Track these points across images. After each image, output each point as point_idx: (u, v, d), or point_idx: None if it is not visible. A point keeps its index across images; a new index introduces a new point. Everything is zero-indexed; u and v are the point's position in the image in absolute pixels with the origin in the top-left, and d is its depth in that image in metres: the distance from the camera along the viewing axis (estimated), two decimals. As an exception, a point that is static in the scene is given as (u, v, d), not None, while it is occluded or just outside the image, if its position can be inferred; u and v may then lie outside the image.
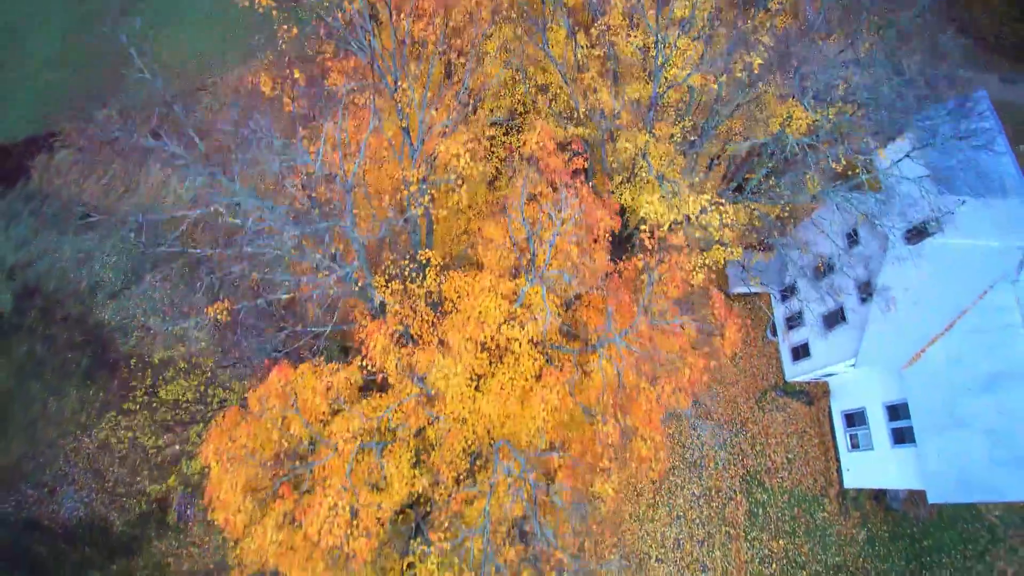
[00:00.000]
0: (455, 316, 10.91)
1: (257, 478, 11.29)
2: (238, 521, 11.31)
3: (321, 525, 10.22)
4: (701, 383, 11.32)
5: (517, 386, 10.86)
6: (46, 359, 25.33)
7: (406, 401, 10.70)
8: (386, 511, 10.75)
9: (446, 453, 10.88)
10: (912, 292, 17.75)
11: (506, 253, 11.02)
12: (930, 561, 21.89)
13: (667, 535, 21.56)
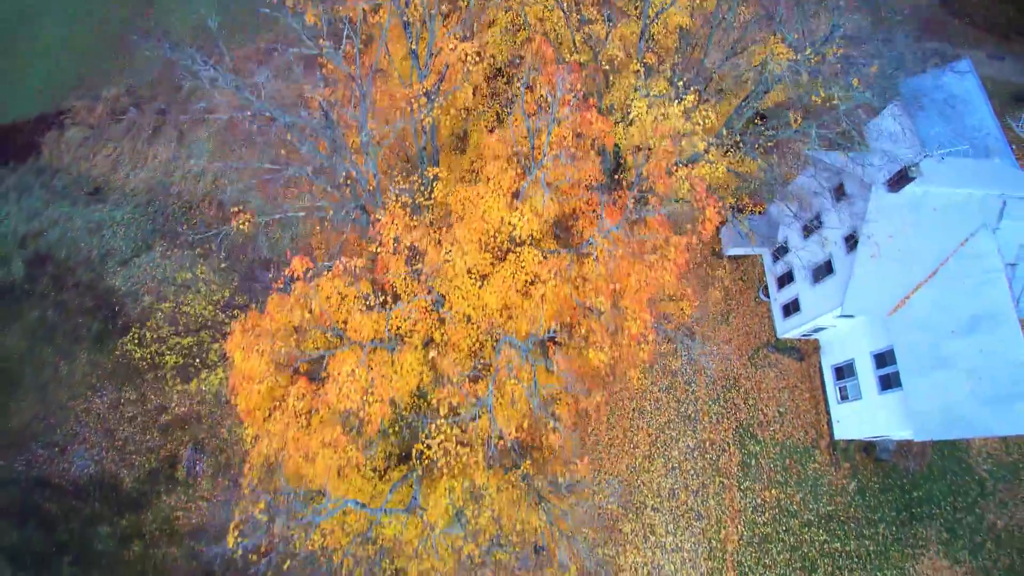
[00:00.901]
0: (461, 215, 11.55)
1: (279, 358, 11.65)
2: (257, 402, 11.81)
3: (339, 390, 10.76)
4: (684, 261, 11.79)
5: (519, 280, 11.51)
6: (57, 324, 26.00)
7: (415, 300, 11.33)
8: (399, 388, 11.34)
9: (452, 353, 11.51)
10: (896, 240, 18.42)
11: (506, 164, 11.65)
12: (920, 512, 22.45)
13: (663, 485, 22.16)
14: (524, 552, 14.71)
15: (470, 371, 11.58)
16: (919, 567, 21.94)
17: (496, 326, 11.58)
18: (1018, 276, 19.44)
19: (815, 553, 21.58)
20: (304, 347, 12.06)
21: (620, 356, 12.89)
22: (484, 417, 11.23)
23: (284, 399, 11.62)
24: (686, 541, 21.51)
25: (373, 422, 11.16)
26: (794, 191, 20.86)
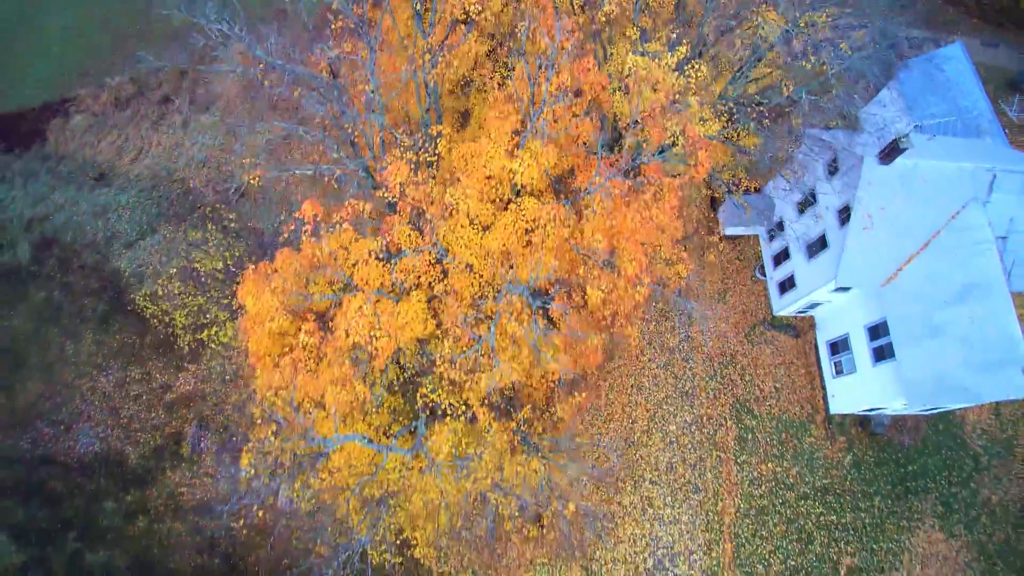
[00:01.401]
0: (465, 169, 11.90)
1: (289, 299, 11.93)
2: (267, 347, 12.09)
3: (348, 324, 11.06)
4: (676, 202, 12.10)
5: (519, 228, 11.85)
6: (63, 305, 26.33)
7: (420, 251, 11.67)
8: (403, 336, 11.64)
9: (454, 302, 11.82)
10: (888, 212, 18.78)
11: (508, 114, 11.98)
12: (915, 486, 22.74)
13: (660, 459, 22.45)
14: (523, 500, 14.96)
15: (472, 316, 11.89)
16: (915, 540, 22.21)
17: (498, 275, 11.92)
18: (1009, 249, 19.80)
19: (811, 525, 21.86)
20: (312, 291, 12.34)
21: (618, 309, 13.18)
22: (486, 355, 11.54)
23: (293, 348, 11.94)
24: (684, 513, 21.80)
25: (380, 356, 11.47)
26: (789, 167, 21.23)
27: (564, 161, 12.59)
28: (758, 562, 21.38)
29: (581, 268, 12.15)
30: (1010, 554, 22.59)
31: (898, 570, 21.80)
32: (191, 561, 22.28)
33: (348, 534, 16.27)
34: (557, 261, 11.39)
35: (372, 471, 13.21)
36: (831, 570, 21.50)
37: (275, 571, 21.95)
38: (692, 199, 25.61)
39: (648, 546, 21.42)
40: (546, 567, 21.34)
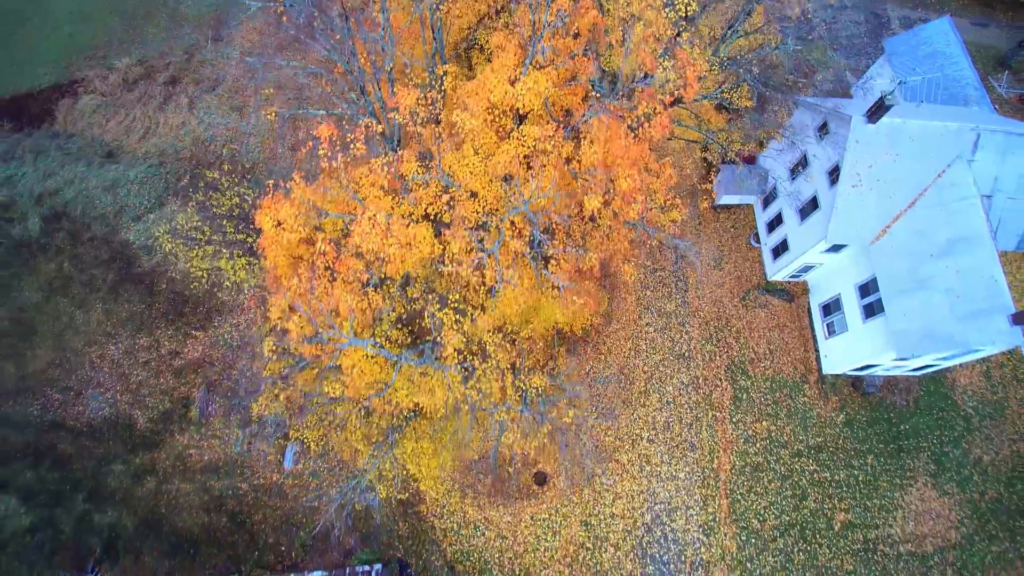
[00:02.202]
0: (472, 85, 12.50)
1: (306, 212, 12.44)
2: (284, 269, 12.59)
3: (363, 234, 11.58)
4: (668, 121, 12.59)
5: (521, 152, 12.39)
6: (73, 276, 26.91)
7: (428, 178, 12.23)
8: (411, 259, 12.14)
9: (460, 230, 12.37)
10: (876, 170, 19.37)
11: (510, 47, 12.54)
12: (908, 444, 23.23)
13: (658, 419, 22.96)
14: (524, 410, 15.28)
15: (477, 232, 12.44)
16: (908, 497, 22.69)
17: (501, 204, 12.48)
18: (995, 207, 20.39)
19: (805, 482, 22.35)
20: (328, 208, 12.84)
21: (613, 249, 13.73)
22: (490, 266, 12.06)
23: (310, 259, 12.43)
24: (680, 470, 22.29)
25: (393, 261, 11.98)
26: (783, 132, 21.85)
27: (563, 100, 13.18)
28: (753, 517, 21.86)
29: (579, 186, 12.68)
30: (1003, 512, 23.05)
31: (891, 526, 22.27)
32: (198, 520, 22.74)
33: (355, 473, 16.74)
34: (557, 173, 11.93)
35: (381, 387, 13.69)
36: (825, 525, 21.97)
37: (281, 529, 22.43)
38: (689, 174, 26.23)
39: (646, 501, 21.91)
40: (546, 522, 21.82)
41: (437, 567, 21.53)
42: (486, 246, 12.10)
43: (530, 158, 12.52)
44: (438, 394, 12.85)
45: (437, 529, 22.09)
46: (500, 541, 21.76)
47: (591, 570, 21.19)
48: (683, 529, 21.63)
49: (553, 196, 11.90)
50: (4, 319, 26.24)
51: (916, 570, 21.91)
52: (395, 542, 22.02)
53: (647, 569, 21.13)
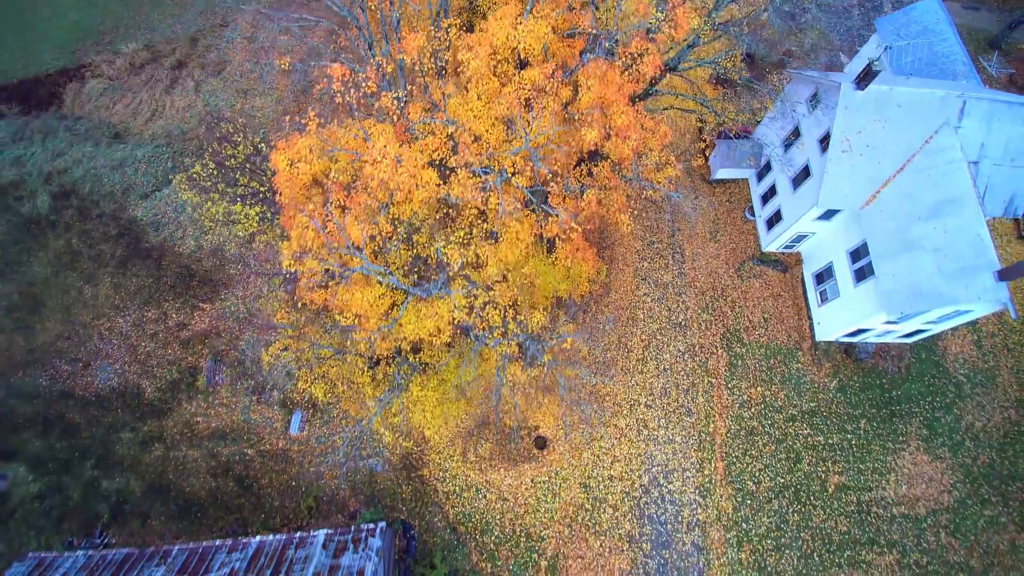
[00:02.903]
0: (476, 36, 13.07)
1: (320, 142, 12.87)
2: (299, 199, 13.08)
3: (374, 162, 12.07)
4: (659, 61, 13.06)
5: (522, 95, 12.94)
6: (82, 251, 27.43)
7: (433, 120, 12.76)
8: (419, 198, 12.64)
9: (464, 170, 12.89)
10: (865, 135, 19.95)
11: None
12: (900, 410, 23.74)
13: (655, 385, 23.47)
14: (525, 341, 15.62)
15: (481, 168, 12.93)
16: (900, 461, 23.18)
17: (502, 142, 13.03)
18: (981, 174, 20.98)
19: (799, 445, 22.84)
20: (340, 144, 13.32)
21: (610, 200, 14.26)
22: (493, 196, 12.56)
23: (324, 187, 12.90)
24: (677, 434, 22.78)
25: (403, 189, 12.47)
26: (775, 99, 22.44)
27: (561, 51, 13.73)
28: (748, 479, 22.34)
29: (576, 125, 13.23)
30: (995, 477, 23.54)
31: (884, 488, 22.76)
32: (206, 485, 23.20)
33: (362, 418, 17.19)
34: (557, 109, 12.46)
35: (389, 322, 14.15)
36: (819, 487, 22.46)
37: (287, 493, 22.88)
38: (686, 149, 26.81)
39: (643, 464, 22.39)
40: (546, 484, 22.28)
41: (440, 528, 21.99)
42: (489, 180, 12.61)
43: (531, 100, 13.07)
44: (444, 318, 13.22)
45: (439, 492, 22.56)
46: (501, 503, 22.22)
47: (590, 530, 21.65)
48: (680, 491, 22.11)
49: (552, 134, 12.44)
50: (13, 293, 26.75)
51: (909, 531, 22.39)
52: (399, 504, 22.48)
53: (645, 529, 21.59)
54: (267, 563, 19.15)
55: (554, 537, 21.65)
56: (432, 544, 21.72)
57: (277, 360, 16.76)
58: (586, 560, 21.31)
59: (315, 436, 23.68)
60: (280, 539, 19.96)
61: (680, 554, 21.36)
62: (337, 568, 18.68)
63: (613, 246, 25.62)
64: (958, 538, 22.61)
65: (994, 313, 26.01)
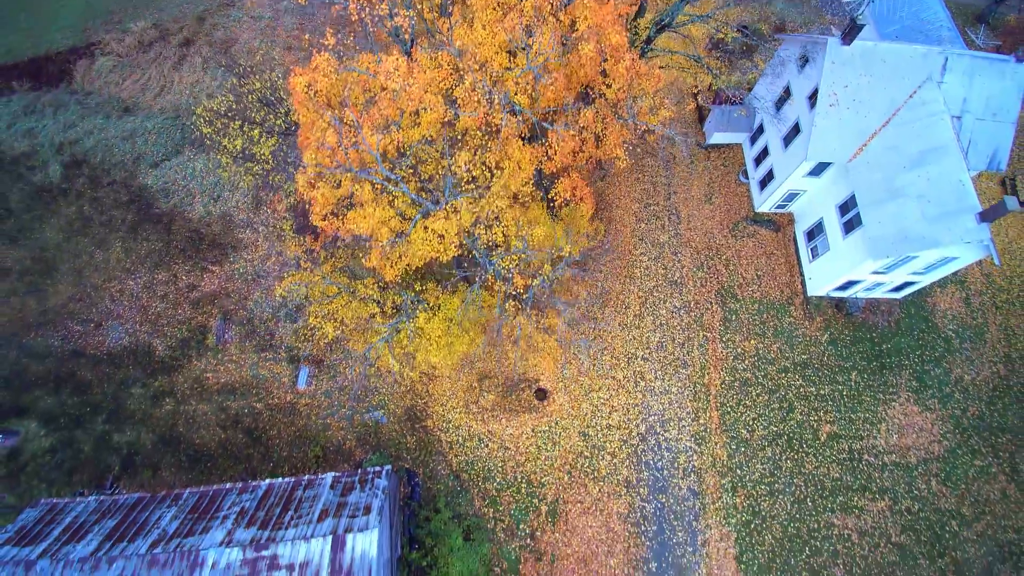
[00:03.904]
0: None
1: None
2: (314, 122, 13.76)
3: (387, 72, 12.72)
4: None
5: (524, 22, 13.65)
6: (93, 217, 28.16)
7: (440, 47, 13.48)
8: (426, 120, 13.33)
9: (470, 78, 13.55)
10: (851, 90, 20.75)
11: None
12: (890, 362, 24.42)
13: (651, 339, 24.15)
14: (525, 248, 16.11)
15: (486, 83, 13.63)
16: (891, 411, 23.84)
17: (504, 66, 13.75)
18: (964, 128, 21.77)
19: (792, 395, 23.50)
20: (354, 64, 14.00)
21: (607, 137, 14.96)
22: (496, 110, 13.24)
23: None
24: (673, 385, 23.44)
25: (415, 99, 13.16)
26: (768, 68, 23.26)
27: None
28: (742, 427, 22.99)
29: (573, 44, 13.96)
30: (985, 429, 24.18)
31: (875, 437, 23.41)
32: (215, 436, 23.82)
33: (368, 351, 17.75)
34: (556, 33, 13.19)
35: (399, 233, 14.72)
36: (811, 435, 23.10)
37: (295, 444, 23.49)
38: (683, 115, 27.61)
39: (640, 414, 23.04)
40: (547, 434, 22.92)
41: (443, 475, 22.60)
42: (495, 98, 13.32)
43: (531, 27, 13.78)
44: (451, 233, 13.72)
45: (443, 442, 23.19)
46: (503, 451, 22.85)
47: (589, 476, 22.28)
48: (676, 439, 22.75)
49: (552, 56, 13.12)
50: (26, 258, 27.45)
51: (900, 479, 23.02)
52: (403, 454, 23.11)
53: (642, 475, 22.22)
54: (277, 502, 19.76)
55: (554, 483, 22.27)
56: (436, 490, 22.33)
57: (289, 294, 17.37)
58: (585, 504, 21.92)
59: (322, 391, 24.32)
60: (289, 481, 20.58)
61: (676, 499, 21.98)
62: (345, 505, 19.29)
63: (611, 208, 26.38)
64: (949, 486, 23.24)
65: (979, 263, 26.81)
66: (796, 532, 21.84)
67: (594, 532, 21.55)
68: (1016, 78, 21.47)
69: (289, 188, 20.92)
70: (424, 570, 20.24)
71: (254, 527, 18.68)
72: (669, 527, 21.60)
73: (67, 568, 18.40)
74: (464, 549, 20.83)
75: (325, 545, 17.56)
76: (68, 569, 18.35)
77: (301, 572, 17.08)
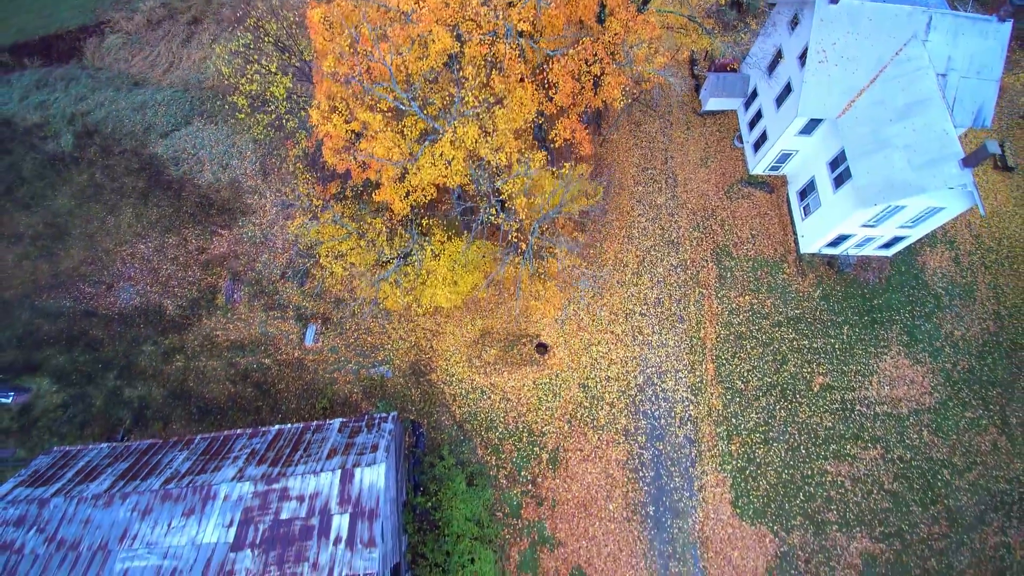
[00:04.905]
0: None
1: None
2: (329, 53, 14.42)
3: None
4: None
5: None
6: (104, 184, 28.87)
7: None
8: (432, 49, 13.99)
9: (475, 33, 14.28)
10: (839, 47, 21.52)
11: None
12: (881, 317, 25.09)
13: (649, 296, 24.82)
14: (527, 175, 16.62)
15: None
16: (883, 364, 24.48)
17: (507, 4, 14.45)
18: (949, 85, 22.53)
19: (785, 348, 24.15)
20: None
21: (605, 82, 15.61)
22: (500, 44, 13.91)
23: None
24: (670, 339, 24.10)
25: (424, 21, 13.81)
26: (761, 31, 24.02)
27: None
28: (738, 379, 23.63)
29: None
30: (975, 382, 24.80)
31: (867, 389, 24.04)
32: (225, 390, 24.43)
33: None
34: None
35: (409, 158, 15.36)
36: (805, 387, 23.74)
37: (303, 396, 24.10)
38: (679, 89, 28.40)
39: (638, 366, 23.68)
40: (548, 386, 23.54)
41: (447, 426, 23.21)
42: (500, 19, 14.02)
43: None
44: (459, 158, 14.27)
45: (447, 394, 23.81)
46: (505, 403, 23.47)
47: (588, 425, 22.89)
48: (673, 389, 23.38)
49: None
50: (38, 224, 28.14)
51: (892, 429, 23.64)
52: (408, 407, 23.72)
53: (640, 423, 22.84)
54: (286, 444, 20.37)
55: (554, 432, 22.88)
56: (440, 440, 22.93)
57: (300, 232, 18.01)
58: (585, 452, 22.53)
59: (328, 347, 24.96)
60: (298, 427, 21.18)
61: (673, 446, 22.58)
62: (352, 445, 19.89)
63: (610, 170, 27.11)
64: (940, 436, 23.85)
65: (968, 225, 27.52)
66: (790, 478, 22.44)
67: (593, 478, 22.15)
68: (998, 37, 22.25)
69: (301, 136, 21.63)
70: (429, 512, 20.81)
71: (264, 465, 19.28)
72: (666, 473, 22.20)
73: (81, 504, 18.98)
74: (467, 493, 21.40)
75: (334, 478, 18.16)
76: (82, 505, 18.94)
77: (311, 502, 17.67)
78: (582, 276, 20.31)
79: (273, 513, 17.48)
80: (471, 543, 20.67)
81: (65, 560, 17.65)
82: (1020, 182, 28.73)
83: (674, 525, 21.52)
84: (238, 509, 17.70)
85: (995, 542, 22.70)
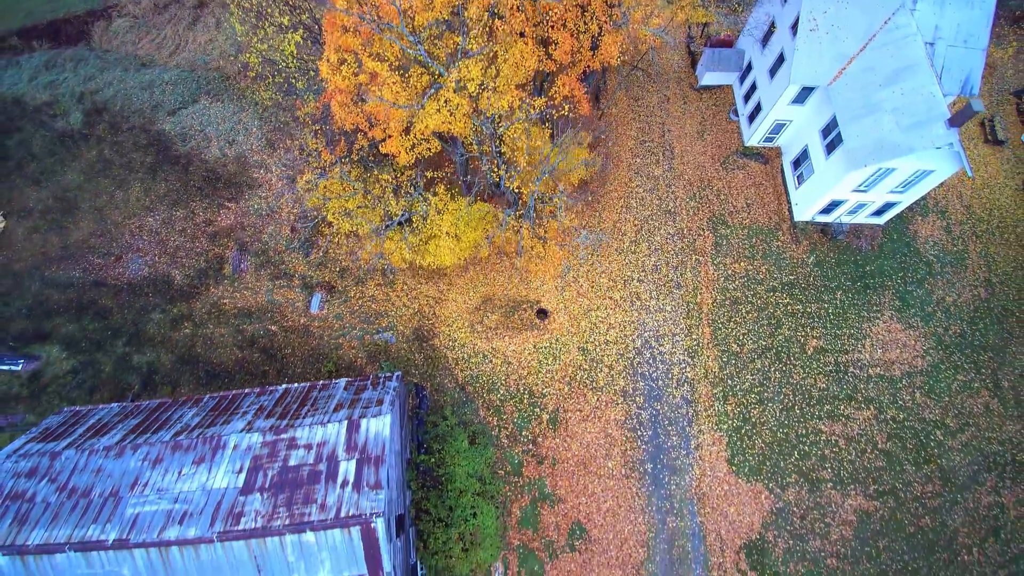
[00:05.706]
0: None
1: None
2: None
3: None
4: None
5: None
6: (113, 160, 29.46)
7: None
8: None
9: None
10: (830, 15, 22.16)
11: None
12: (874, 283, 25.65)
13: (647, 263, 25.38)
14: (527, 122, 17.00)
15: None
16: (875, 329, 25.02)
17: None
18: (937, 54, 23.18)
19: (780, 313, 24.70)
20: None
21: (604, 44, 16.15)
22: None
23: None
24: (667, 304, 24.64)
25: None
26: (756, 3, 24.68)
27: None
28: (733, 342, 24.16)
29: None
30: (967, 347, 25.32)
31: (860, 352, 24.57)
32: (232, 355, 24.95)
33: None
34: None
35: (416, 103, 15.88)
36: (799, 349, 24.27)
37: (309, 361, 24.62)
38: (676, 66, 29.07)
39: (636, 330, 24.22)
40: (548, 350, 24.06)
41: (450, 388, 23.73)
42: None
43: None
44: (463, 107, 14.71)
45: (449, 358, 24.34)
46: (506, 366, 24.00)
47: (588, 387, 23.41)
48: (670, 352, 23.92)
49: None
50: (48, 198, 28.71)
51: (885, 390, 24.16)
52: (412, 371, 24.24)
53: (638, 385, 23.36)
54: (293, 400, 20.89)
55: (555, 394, 23.40)
56: (443, 401, 23.45)
57: (307, 189, 18.57)
58: (584, 412, 23.04)
59: (333, 314, 25.50)
60: (305, 385, 21.70)
61: (670, 406, 23.10)
62: (358, 400, 20.42)
63: (609, 144, 27.71)
64: (933, 398, 24.37)
65: (959, 196, 28.10)
66: (785, 437, 22.96)
67: (593, 437, 22.66)
68: (984, 7, 22.90)
69: (309, 97, 22.19)
70: (432, 469, 21.31)
71: (273, 418, 19.79)
72: (664, 432, 22.71)
73: (92, 455, 19.45)
74: (469, 452, 21.89)
75: (341, 428, 18.67)
76: (93, 456, 19.41)
77: (319, 450, 18.18)
78: (582, 233, 20.83)
79: (282, 460, 17.99)
80: (473, 498, 21.15)
81: (76, 507, 18.11)
82: (1010, 155, 29.34)
83: (671, 482, 22.02)
84: (247, 457, 18.21)
85: (988, 501, 23.18)
